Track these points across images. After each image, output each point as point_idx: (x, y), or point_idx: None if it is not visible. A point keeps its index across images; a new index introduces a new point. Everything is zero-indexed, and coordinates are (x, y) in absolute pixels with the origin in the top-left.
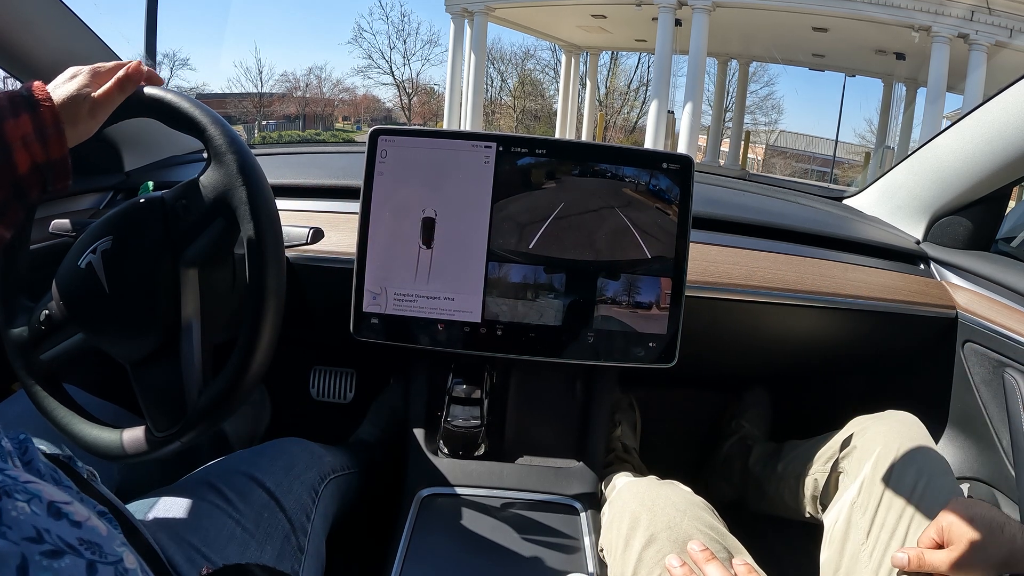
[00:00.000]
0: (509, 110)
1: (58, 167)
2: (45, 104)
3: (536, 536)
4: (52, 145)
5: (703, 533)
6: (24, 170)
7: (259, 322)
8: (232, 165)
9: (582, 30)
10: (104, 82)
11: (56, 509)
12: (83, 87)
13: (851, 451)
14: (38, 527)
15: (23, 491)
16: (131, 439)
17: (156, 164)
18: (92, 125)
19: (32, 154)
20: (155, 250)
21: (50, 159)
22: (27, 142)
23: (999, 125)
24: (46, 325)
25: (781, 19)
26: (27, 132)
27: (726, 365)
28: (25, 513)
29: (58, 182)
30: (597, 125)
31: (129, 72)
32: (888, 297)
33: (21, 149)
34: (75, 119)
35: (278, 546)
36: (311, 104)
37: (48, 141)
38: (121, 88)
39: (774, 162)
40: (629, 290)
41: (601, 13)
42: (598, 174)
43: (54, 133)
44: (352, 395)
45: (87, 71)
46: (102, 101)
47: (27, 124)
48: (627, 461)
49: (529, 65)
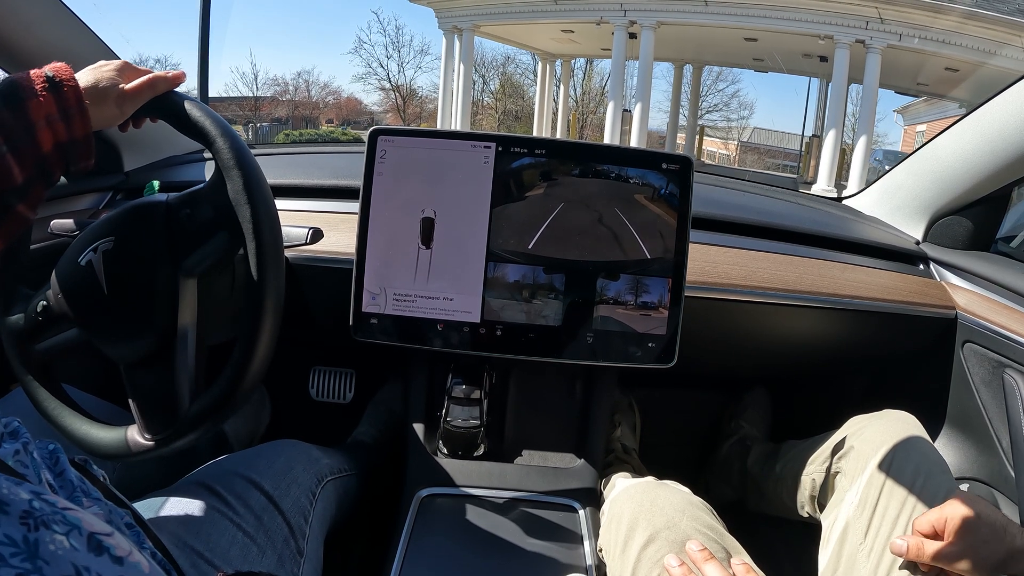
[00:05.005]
0: (491, 111)
1: (81, 146)
2: (69, 84)
3: (536, 536)
4: (75, 124)
5: (701, 533)
6: (48, 149)
7: (257, 333)
8: (239, 181)
9: (555, 41)
10: (135, 78)
11: (97, 543)
12: (113, 76)
13: (848, 451)
14: (77, 564)
15: (62, 521)
16: (134, 438)
17: (156, 164)
18: (117, 114)
19: (55, 133)
20: (155, 256)
21: (73, 138)
22: (50, 121)
23: (999, 125)
24: (43, 316)
25: (717, 32)
26: (51, 111)
27: (726, 366)
28: (64, 548)
29: (81, 161)
30: (571, 124)
31: (168, 75)
32: (888, 297)
33: (45, 128)
34: (101, 103)
35: (278, 550)
36: (299, 107)
37: (71, 120)
38: (152, 86)
39: (746, 158)
40: (628, 290)
41: (570, 28)
42: (597, 174)
43: (77, 112)
44: (352, 395)
45: (117, 63)
46: (131, 94)
47: (51, 103)
48: (626, 462)
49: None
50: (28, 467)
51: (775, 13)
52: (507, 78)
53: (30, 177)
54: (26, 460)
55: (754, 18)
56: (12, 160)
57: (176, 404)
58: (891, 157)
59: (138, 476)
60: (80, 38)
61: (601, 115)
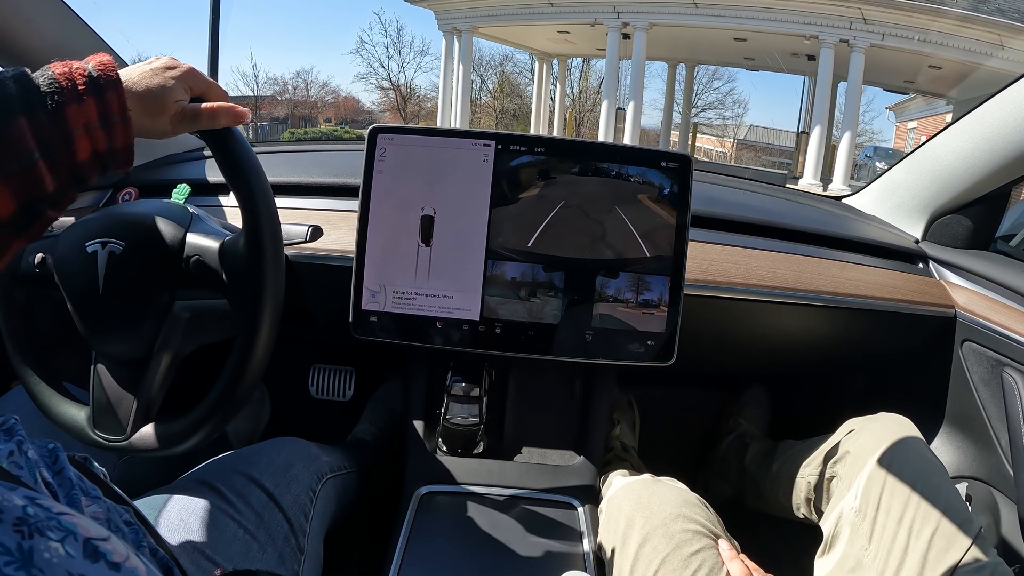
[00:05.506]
0: (489, 110)
1: (121, 155)
2: (112, 89)
3: (535, 534)
4: (116, 135)
5: (698, 531)
6: (84, 157)
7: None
8: (257, 264)
9: (551, 42)
10: (203, 90)
11: (93, 548)
12: (174, 87)
13: (844, 456)
14: (73, 572)
15: (57, 527)
16: (140, 436)
17: (156, 162)
18: (169, 131)
19: (94, 142)
20: (155, 282)
21: (113, 148)
22: (90, 129)
23: (998, 124)
24: (40, 269)
25: (707, 32)
26: (91, 119)
27: (725, 364)
28: (59, 555)
29: (119, 168)
30: (567, 122)
31: (238, 111)
32: (887, 296)
33: (83, 136)
34: (156, 115)
35: (279, 547)
36: (298, 106)
37: (113, 129)
38: (214, 118)
39: (743, 155)
40: (628, 288)
41: (565, 29)
42: (597, 173)
43: (120, 122)
44: (351, 393)
45: (184, 70)
46: (192, 116)
47: (91, 109)
48: (626, 460)
49: (507, 68)
50: (23, 468)
51: (762, 14)
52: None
53: (63, 185)
54: (20, 461)
55: (742, 19)
56: (44, 168)
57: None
58: (882, 153)
59: (138, 474)
60: (81, 37)
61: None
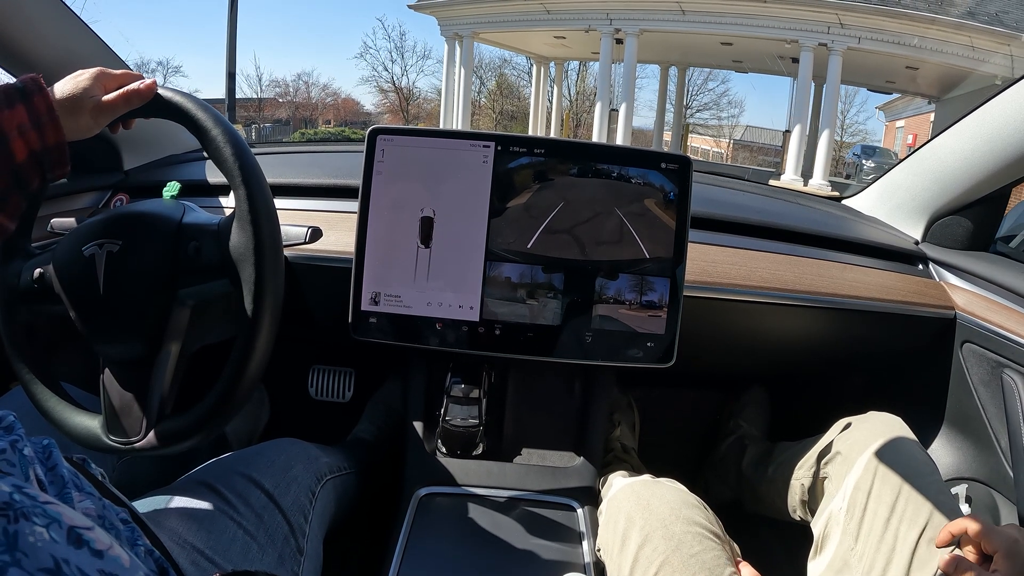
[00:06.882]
0: (488, 111)
1: (55, 154)
2: (39, 94)
3: (534, 535)
4: (48, 133)
5: (698, 532)
6: (22, 158)
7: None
8: (251, 238)
9: (548, 46)
10: (112, 88)
11: (77, 536)
12: (88, 87)
13: (835, 456)
14: (56, 556)
15: (42, 514)
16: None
17: (155, 163)
18: (92, 125)
19: (28, 142)
20: (155, 277)
21: (46, 146)
22: (23, 130)
23: (998, 125)
24: (38, 284)
25: (695, 37)
26: (23, 121)
27: (725, 365)
28: (43, 540)
29: (56, 169)
30: (564, 123)
31: (140, 89)
32: (887, 297)
33: (17, 138)
34: (75, 113)
35: (279, 548)
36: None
37: (44, 129)
38: (127, 101)
39: (739, 155)
40: (627, 290)
41: (561, 35)
42: (597, 174)
43: (49, 121)
44: (351, 394)
45: (93, 72)
46: (106, 107)
47: (22, 113)
48: (626, 461)
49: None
50: (15, 465)
51: (745, 20)
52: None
53: (7, 187)
54: (13, 459)
55: (727, 25)
56: None
57: (143, 415)
58: (869, 152)
59: (138, 474)
60: (81, 38)
61: None
